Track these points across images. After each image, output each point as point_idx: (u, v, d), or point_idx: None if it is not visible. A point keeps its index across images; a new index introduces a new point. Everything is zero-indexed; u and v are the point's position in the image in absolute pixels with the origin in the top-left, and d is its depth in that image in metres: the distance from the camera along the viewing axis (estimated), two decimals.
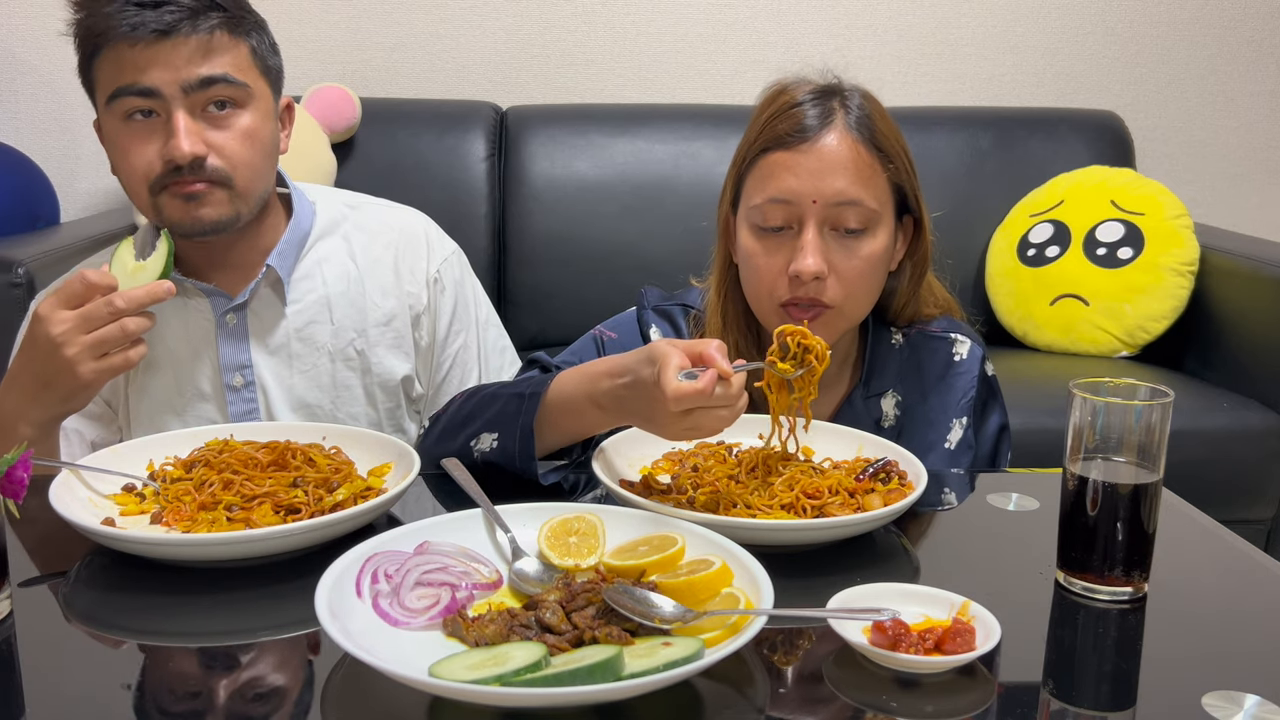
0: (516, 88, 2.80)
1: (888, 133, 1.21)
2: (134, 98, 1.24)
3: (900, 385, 1.30)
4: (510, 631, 0.78)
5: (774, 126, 1.20)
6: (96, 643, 0.84)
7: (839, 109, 1.20)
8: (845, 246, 1.19)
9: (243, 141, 1.29)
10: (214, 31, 1.25)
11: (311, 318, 1.40)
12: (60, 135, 2.73)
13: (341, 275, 1.42)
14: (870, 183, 1.18)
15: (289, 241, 1.39)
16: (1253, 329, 2.20)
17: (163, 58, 1.23)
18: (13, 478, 0.84)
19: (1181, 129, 2.97)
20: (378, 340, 1.43)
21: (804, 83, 1.25)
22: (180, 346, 1.38)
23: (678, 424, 0.98)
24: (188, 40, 1.23)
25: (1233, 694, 0.75)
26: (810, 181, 1.17)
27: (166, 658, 0.81)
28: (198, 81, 1.24)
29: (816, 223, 1.17)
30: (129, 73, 1.23)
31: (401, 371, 1.44)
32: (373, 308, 1.43)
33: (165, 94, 1.24)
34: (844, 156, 1.18)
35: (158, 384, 1.37)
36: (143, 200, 1.29)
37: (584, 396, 1.08)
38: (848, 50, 2.85)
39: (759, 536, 0.94)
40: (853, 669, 0.78)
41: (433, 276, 1.46)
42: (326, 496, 1.00)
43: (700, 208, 1.25)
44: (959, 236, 2.54)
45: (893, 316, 1.32)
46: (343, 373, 1.41)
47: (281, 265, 1.37)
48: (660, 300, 1.37)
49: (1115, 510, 0.88)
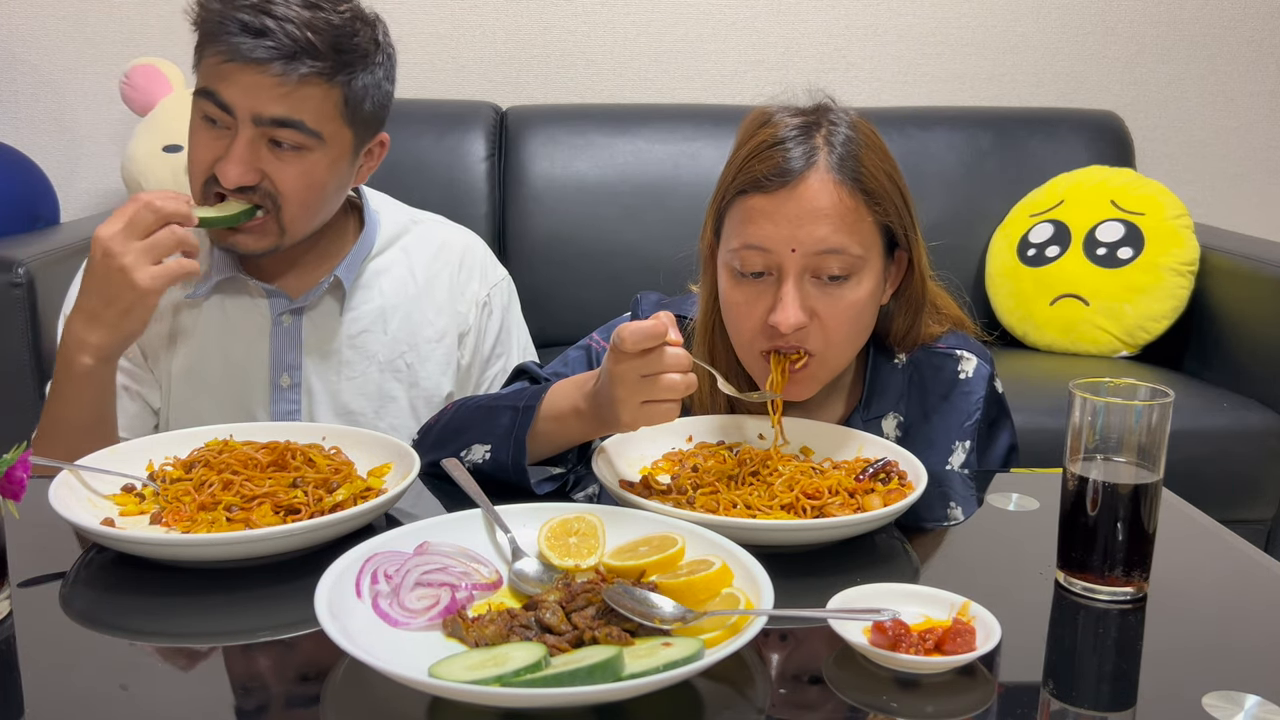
0: (516, 88, 2.80)
1: (875, 170, 1.13)
2: (211, 104, 1.25)
3: (902, 405, 1.26)
4: (510, 632, 0.78)
5: (752, 168, 1.13)
6: (96, 643, 0.84)
7: (822, 147, 1.12)
8: (828, 294, 1.13)
9: (299, 180, 1.28)
10: (305, 77, 1.24)
11: (366, 326, 1.41)
12: (60, 135, 2.73)
13: (400, 289, 1.44)
14: (854, 228, 1.12)
15: (356, 255, 1.41)
16: (1253, 329, 2.20)
17: (247, 82, 1.23)
18: (13, 478, 0.84)
19: (1181, 129, 2.96)
20: (428, 355, 1.44)
21: (788, 110, 1.17)
22: (233, 339, 1.39)
23: (634, 390, 1.00)
24: (276, 77, 1.23)
25: (1233, 694, 0.75)
26: (789, 229, 1.10)
27: (166, 658, 0.81)
28: (269, 120, 1.25)
29: (796, 272, 1.11)
30: (216, 81, 1.25)
31: (446, 388, 1.46)
32: (426, 324, 1.45)
33: (238, 116, 1.25)
34: (825, 203, 1.10)
35: (203, 369, 1.39)
36: (195, 189, 1.30)
37: (570, 406, 1.10)
38: (848, 50, 2.85)
39: (759, 536, 0.94)
40: (853, 669, 0.78)
41: (483, 300, 1.49)
42: (326, 497, 1.00)
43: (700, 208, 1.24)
44: (959, 236, 2.54)
45: (893, 343, 1.27)
46: (389, 383, 1.43)
47: (347, 277, 1.39)
48: (655, 309, 1.33)
49: (1115, 510, 0.88)
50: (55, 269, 1.98)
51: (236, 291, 1.40)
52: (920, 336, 1.27)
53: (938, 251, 1.27)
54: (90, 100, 2.71)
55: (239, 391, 1.39)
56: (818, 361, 1.16)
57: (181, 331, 1.40)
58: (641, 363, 1.00)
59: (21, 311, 1.93)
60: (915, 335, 1.26)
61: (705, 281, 1.26)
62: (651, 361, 1.00)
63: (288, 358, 1.39)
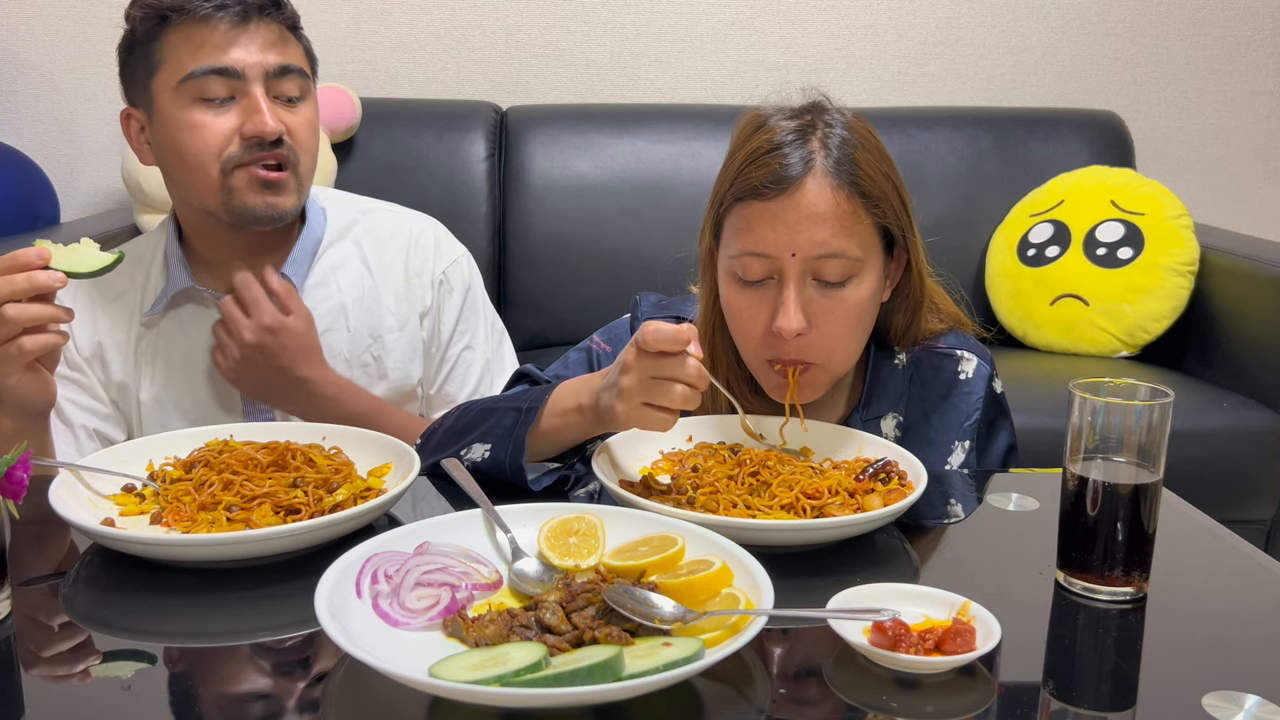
0: (516, 88, 2.80)
1: (871, 171, 1.13)
2: (213, 77, 1.26)
3: (901, 405, 1.26)
4: (510, 632, 0.78)
5: (749, 175, 1.13)
6: (96, 643, 0.84)
7: (819, 150, 1.12)
8: (829, 296, 1.13)
9: (308, 130, 1.33)
10: (283, 26, 1.30)
11: (328, 325, 1.40)
12: (60, 135, 2.73)
13: (356, 282, 1.42)
14: (852, 231, 1.12)
15: (302, 249, 1.39)
16: (1253, 329, 2.20)
17: (244, 41, 1.26)
18: (13, 478, 0.84)
19: (1181, 129, 2.96)
20: (393, 346, 1.43)
21: (783, 113, 1.17)
22: (197, 356, 1.38)
23: (640, 389, 1.01)
24: (265, 28, 1.27)
25: (1233, 694, 0.75)
26: (788, 234, 1.11)
27: (166, 658, 0.81)
28: (276, 69, 1.28)
29: (797, 276, 1.12)
30: (209, 54, 1.25)
31: (417, 375, 1.44)
32: (386, 313, 1.43)
33: (248, 75, 1.26)
34: (823, 207, 1.11)
35: (172, 393, 1.37)
36: (210, 180, 1.29)
37: (574, 403, 1.11)
38: (848, 50, 2.85)
39: (759, 536, 0.94)
40: (853, 669, 0.78)
41: (438, 278, 1.46)
42: (326, 497, 1.00)
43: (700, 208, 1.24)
44: (959, 236, 2.54)
45: (893, 340, 1.28)
46: (360, 379, 1.41)
47: (295, 274, 1.37)
48: (654, 311, 1.34)
49: (1115, 510, 0.88)
50: None
51: (193, 304, 1.38)
52: (920, 333, 1.27)
53: (937, 251, 1.27)
54: (90, 100, 2.71)
55: (210, 409, 1.38)
56: (819, 368, 1.16)
57: (143, 358, 1.38)
58: (656, 364, 1.01)
59: None
60: (915, 332, 1.27)
61: (705, 284, 1.26)
62: (666, 365, 1.00)
63: None
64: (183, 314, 1.38)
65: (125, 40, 1.31)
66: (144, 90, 1.30)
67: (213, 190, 1.29)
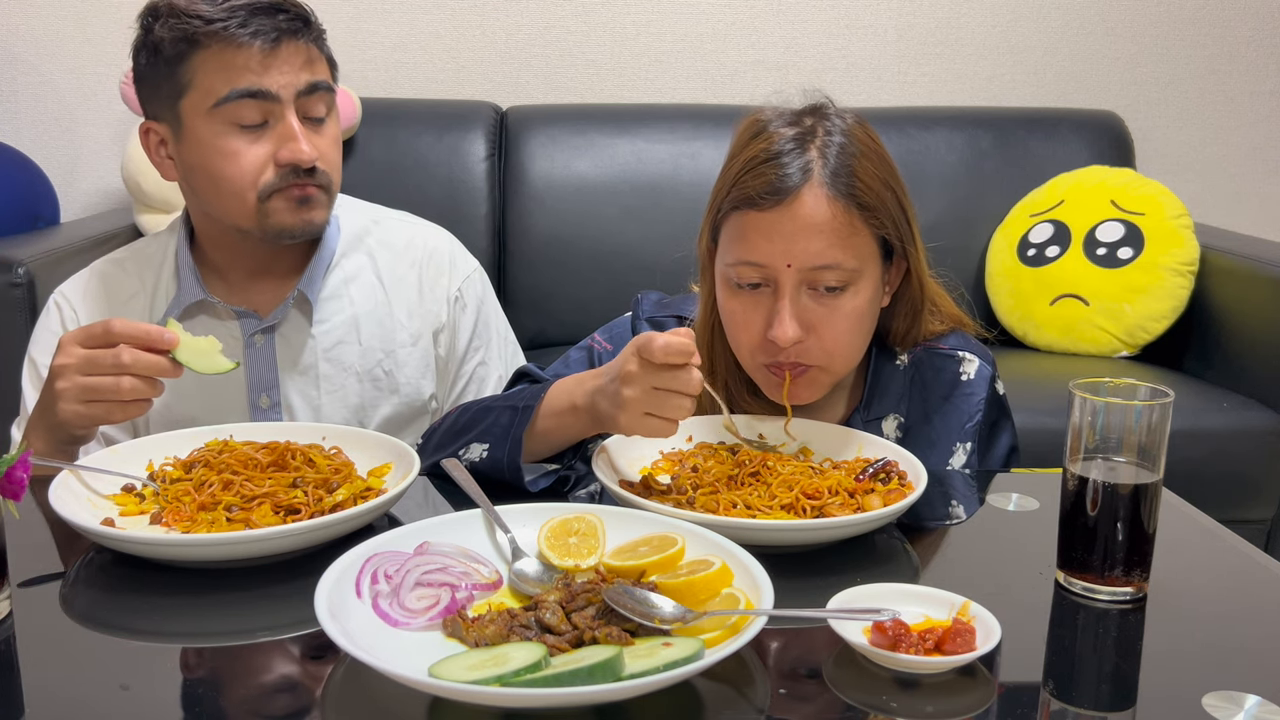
0: (516, 88, 2.80)
1: (870, 180, 1.12)
2: (247, 101, 1.24)
3: (903, 406, 1.25)
4: (510, 632, 0.78)
5: (746, 184, 1.12)
6: (96, 643, 0.84)
7: (817, 160, 1.11)
8: (825, 305, 1.12)
9: (335, 149, 1.34)
10: (311, 42, 1.30)
11: (340, 338, 1.40)
12: (60, 135, 2.73)
13: (369, 295, 1.42)
14: (849, 242, 1.11)
15: (317, 262, 1.39)
16: (1253, 329, 2.20)
17: (278, 63, 1.25)
18: (13, 478, 0.84)
19: (1181, 129, 2.96)
20: (405, 360, 1.42)
21: (783, 118, 1.16)
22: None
23: (643, 399, 1.01)
24: (296, 47, 1.27)
25: (1233, 694, 0.75)
26: (784, 245, 1.10)
27: (166, 658, 0.81)
28: (306, 87, 1.28)
29: (792, 286, 1.11)
30: (244, 76, 1.24)
31: (429, 390, 1.44)
32: (399, 328, 1.42)
33: (281, 98, 1.26)
34: (820, 218, 1.09)
35: (184, 403, 1.36)
36: (246, 207, 1.29)
37: (568, 403, 1.11)
38: (848, 50, 2.85)
39: (759, 536, 0.94)
40: (853, 669, 0.78)
41: (454, 295, 1.46)
42: (326, 497, 1.00)
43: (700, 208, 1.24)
44: (959, 236, 2.54)
45: (894, 342, 1.27)
46: (370, 393, 1.41)
47: (309, 288, 1.37)
48: (655, 310, 1.34)
49: (1115, 510, 0.88)
50: (55, 269, 1.98)
51: (205, 315, 1.38)
52: (921, 335, 1.27)
53: (938, 252, 1.27)
54: (90, 100, 2.71)
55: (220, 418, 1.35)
56: (819, 370, 1.16)
57: None
58: (660, 376, 1.00)
59: (21, 312, 1.93)
60: (916, 334, 1.26)
61: (704, 284, 1.26)
62: (670, 378, 1.00)
63: (265, 378, 1.36)
64: (194, 326, 1.37)
65: (147, 54, 1.28)
66: (170, 109, 1.28)
67: (248, 215, 1.29)
